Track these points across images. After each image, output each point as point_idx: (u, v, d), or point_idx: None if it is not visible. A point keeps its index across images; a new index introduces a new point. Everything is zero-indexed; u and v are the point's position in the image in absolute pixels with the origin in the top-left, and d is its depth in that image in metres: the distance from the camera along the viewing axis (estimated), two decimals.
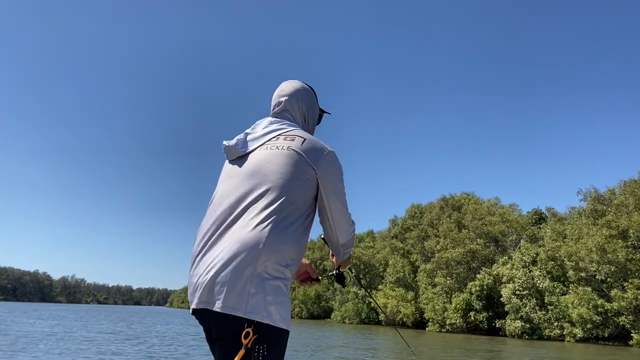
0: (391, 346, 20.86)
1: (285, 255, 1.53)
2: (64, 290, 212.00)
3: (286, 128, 1.78)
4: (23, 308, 67.68)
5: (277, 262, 1.50)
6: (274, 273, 1.49)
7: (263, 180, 1.62)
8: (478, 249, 39.18)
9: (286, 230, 1.55)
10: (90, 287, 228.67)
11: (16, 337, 16.69)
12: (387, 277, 49.94)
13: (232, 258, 1.48)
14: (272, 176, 1.62)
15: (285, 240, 1.53)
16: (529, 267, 33.59)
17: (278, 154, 1.66)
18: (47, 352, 12.25)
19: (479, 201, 47.80)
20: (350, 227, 1.79)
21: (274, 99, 1.91)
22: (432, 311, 40.83)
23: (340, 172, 1.72)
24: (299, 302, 69.23)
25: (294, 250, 1.56)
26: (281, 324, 1.48)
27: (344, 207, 1.73)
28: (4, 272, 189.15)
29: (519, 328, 32.78)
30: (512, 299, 32.97)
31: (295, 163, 1.63)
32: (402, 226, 54.30)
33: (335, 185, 1.69)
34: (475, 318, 37.09)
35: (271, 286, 1.47)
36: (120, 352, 12.92)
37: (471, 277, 39.13)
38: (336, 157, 1.73)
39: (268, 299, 1.45)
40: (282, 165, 1.63)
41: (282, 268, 1.51)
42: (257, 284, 1.46)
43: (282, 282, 1.51)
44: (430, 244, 44.59)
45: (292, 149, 1.66)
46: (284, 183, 1.60)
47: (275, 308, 1.46)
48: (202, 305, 1.50)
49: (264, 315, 1.44)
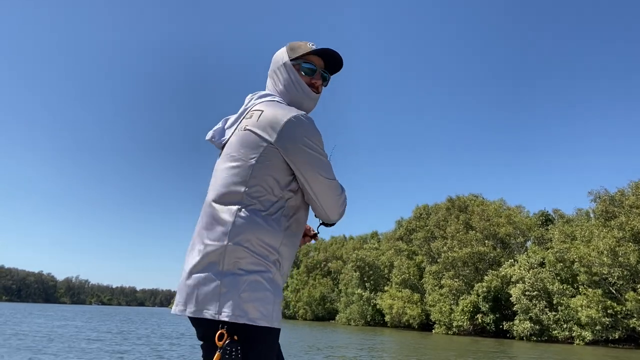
0: (393, 347, 20.66)
1: (258, 246, 1.42)
2: (68, 291, 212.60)
3: (254, 103, 1.63)
4: (29, 309, 67.80)
5: (251, 254, 1.41)
6: (248, 267, 1.40)
7: (226, 169, 1.52)
8: (485, 251, 38.89)
9: (255, 219, 1.44)
10: (94, 288, 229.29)
11: (32, 337, 16.60)
12: (392, 278, 49.71)
13: (202, 258, 1.43)
14: (231, 163, 1.52)
15: (256, 229, 1.42)
16: (538, 269, 33.30)
17: (238, 137, 1.54)
18: (60, 350, 12.14)
19: (485, 202, 47.59)
20: (338, 196, 1.56)
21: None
22: (438, 313, 40.55)
23: (308, 136, 1.49)
24: (304, 304, 69.07)
25: (270, 238, 1.44)
26: (262, 321, 1.37)
27: (323, 174, 1.51)
28: (8, 272, 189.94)
29: (527, 329, 32.48)
30: (521, 299, 32.67)
31: (250, 144, 1.50)
32: (408, 227, 54.05)
33: (304, 153, 1.48)
34: (483, 320, 36.80)
35: (247, 282, 1.38)
36: (130, 351, 12.80)
37: (478, 278, 38.86)
38: (300, 120, 1.50)
39: (243, 297, 1.36)
40: (238, 149, 1.52)
41: (260, 260, 1.41)
42: (229, 282, 1.38)
43: (261, 275, 1.40)
44: (436, 245, 44.32)
45: (247, 128, 1.53)
46: (242, 166, 1.48)
47: (254, 305, 1.37)
48: (178, 311, 1.45)
49: (239, 315, 1.35)
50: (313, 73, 1.71)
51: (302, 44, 1.72)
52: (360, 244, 65.22)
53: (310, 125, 1.51)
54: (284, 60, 1.69)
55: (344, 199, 1.59)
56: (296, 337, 23.84)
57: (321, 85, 1.74)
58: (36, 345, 13.65)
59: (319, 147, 1.51)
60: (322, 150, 1.52)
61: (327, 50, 1.70)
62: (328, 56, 1.73)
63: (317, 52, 1.70)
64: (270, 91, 1.70)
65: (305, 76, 1.70)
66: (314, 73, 1.71)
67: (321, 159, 1.51)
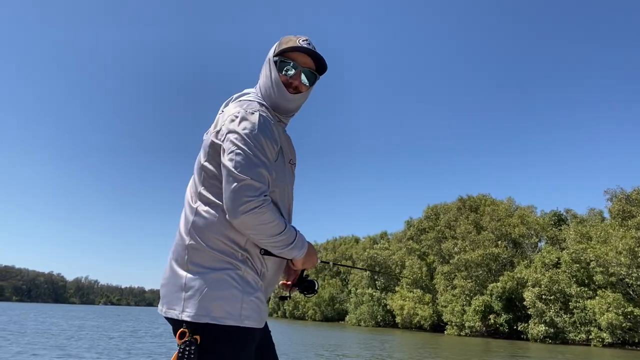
0: (406, 348, 20.35)
1: (220, 243, 1.40)
2: (78, 291, 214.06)
3: (223, 107, 1.62)
4: (39, 309, 68.18)
5: (213, 251, 1.40)
6: (213, 264, 1.39)
7: (195, 169, 1.55)
8: (499, 252, 38.40)
9: (215, 216, 1.43)
10: (104, 288, 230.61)
11: (50, 336, 16.51)
12: (403, 278, 49.35)
13: (171, 259, 1.48)
14: (197, 164, 1.54)
15: (216, 226, 1.41)
16: (553, 270, 32.80)
17: (205, 138, 1.55)
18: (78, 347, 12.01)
19: (496, 202, 47.14)
20: (245, 199, 1.35)
21: None
22: (450, 314, 40.13)
23: (240, 127, 1.42)
24: (313, 305, 68.85)
25: (231, 233, 1.41)
26: (228, 320, 1.35)
27: (237, 170, 1.37)
28: (18, 273, 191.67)
29: (542, 332, 32.00)
30: (536, 303, 32.18)
31: (208, 144, 1.50)
32: (418, 227, 53.67)
33: (230, 142, 1.41)
34: (495, 321, 36.34)
35: (212, 279, 1.37)
36: (143, 350, 12.65)
37: (491, 279, 38.41)
38: (245, 115, 1.44)
39: (207, 295, 1.35)
40: (202, 151, 1.54)
41: (223, 257, 1.40)
42: (193, 281, 1.38)
43: (226, 272, 1.38)
44: (447, 246, 43.94)
45: (211, 129, 1.54)
46: (199, 167, 1.51)
47: (220, 304, 1.35)
48: (158, 311, 1.49)
49: (202, 314, 1.34)
50: (292, 71, 1.59)
51: (292, 39, 1.61)
52: (370, 244, 64.86)
53: (253, 121, 1.43)
54: (269, 55, 1.63)
55: (253, 205, 1.35)
56: (306, 337, 23.62)
57: (302, 86, 1.61)
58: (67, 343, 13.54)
59: (249, 142, 1.40)
60: (253, 147, 1.40)
61: (313, 52, 1.59)
62: (314, 58, 1.61)
63: (303, 50, 1.58)
64: (254, 88, 1.65)
65: (283, 75, 1.59)
66: (294, 72, 1.59)
67: (243, 153, 1.39)
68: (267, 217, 1.37)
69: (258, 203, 1.36)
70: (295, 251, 1.47)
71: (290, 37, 1.61)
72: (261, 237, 1.39)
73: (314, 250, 1.58)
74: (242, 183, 1.36)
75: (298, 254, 1.49)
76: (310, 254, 1.56)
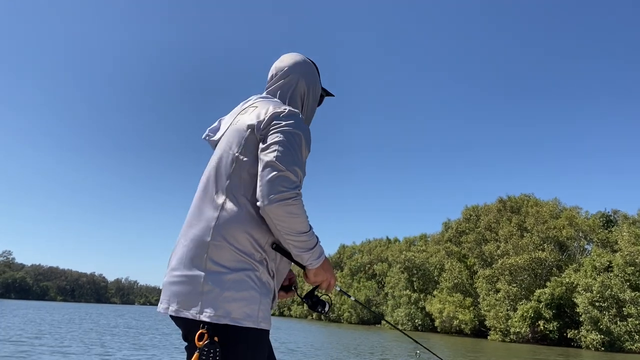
0: (456, 353, 19.63)
1: (242, 241, 1.38)
2: (118, 292, 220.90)
3: (253, 103, 1.63)
4: (85, 308, 70.47)
5: (235, 250, 1.37)
6: (233, 264, 1.36)
7: (218, 165, 1.51)
8: (546, 257, 36.89)
9: (237, 212, 1.40)
10: (143, 288, 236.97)
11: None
12: (442, 282, 48.32)
13: (185, 256, 1.40)
14: (220, 158, 1.51)
15: (238, 223, 1.39)
16: (605, 274, 31.24)
17: (233, 132, 1.54)
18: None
19: (539, 203, 45.50)
20: (280, 189, 1.35)
21: (270, 72, 1.73)
22: (494, 319, 38.90)
23: (284, 125, 1.44)
24: (348, 307, 68.45)
25: (255, 232, 1.39)
26: (246, 322, 1.33)
27: (277, 161, 1.38)
28: (62, 274, 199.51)
29: (597, 340, 30.48)
30: (589, 310, 30.70)
31: (238, 135, 1.50)
32: (457, 229, 52.46)
33: (275, 135, 1.42)
34: (545, 327, 34.94)
35: (231, 280, 1.34)
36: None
37: (537, 284, 36.99)
38: (286, 113, 1.47)
39: (227, 296, 1.33)
40: (227, 143, 1.52)
41: (244, 257, 1.37)
42: (212, 281, 1.34)
43: (246, 273, 1.36)
44: (489, 249, 42.69)
45: (246, 123, 1.51)
46: (229, 160, 1.48)
47: (239, 305, 1.33)
48: (162, 310, 1.42)
49: (222, 315, 1.32)
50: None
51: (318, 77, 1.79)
52: (407, 246, 63.91)
53: (295, 120, 1.47)
54: (319, 86, 1.75)
55: (286, 196, 1.36)
56: (345, 339, 23.25)
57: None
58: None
59: (291, 136, 1.43)
60: (295, 144, 1.44)
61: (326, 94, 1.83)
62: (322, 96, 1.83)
63: (325, 96, 1.82)
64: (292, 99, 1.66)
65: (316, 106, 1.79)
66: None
67: (288, 146, 1.41)
68: (297, 210, 1.37)
69: (292, 195, 1.36)
70: (312, 258, 1.45)
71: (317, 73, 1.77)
72: (286, 231, 1.38)
73: (331, 267, 1.54)
74: (280, 173, 1.37)
75: (314, 263, 1.46)
76: (325, 268, 1.51)
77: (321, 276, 1.51)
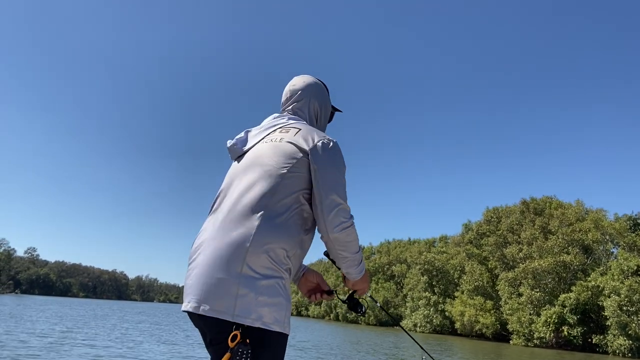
0: (480, 358, 19.30)
1: (278, 251, 1.46)
2: (139, 289, 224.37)
3: (286, 122, 1.75)
4: (109, 305, 71.76)
5: (270, 259, 1.44)
6: (266, 272, 1.43)
7: (254, 175, 1.59)
8: (572, 260, 36.03)
9: (277, 223, 1.49)
10: (162, 286, 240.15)
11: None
12: (463, 284, 47.68)
13: (220, 258, 1.44)
14: (262, 169, 1.59)
15: (277, 234, 1.47)
16: (633, 278, 30.36)
17: (271, 146, 1.64)
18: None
19: (563, 205, 44.51)
20: (342, 220, 1.55)
21: (284, 94, 1.88)
22: (517, 323, 38.19)
23: (335, 159, 1.61)
24: (367, 308, 68.04)
25: (288, 244, 1.49)
26: (275, 326, 1.41)
27: (336, 195, 1.56)
28: (85, 270, 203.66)
29: (624, 346, 29.65)
30: (618, 314, 29.86)
31: (285, 153, 1.59)
32: (478, 231, 51.69)
33: (328, 170, 1.58)
34: (569, 333, 34.16)
35: (264, 286, 1.41)
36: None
37: (562, 288, 36.17)
38: (333, 145, 1.64)
39: (260, 300, 1.39)
40: (271, 157, 1.60)
41: (276, 265, 1.45)
42: (247, 285, 1.40)
43: (277, 281, 1.44)
44: (511, 251, 41.93)
45: (285, 141, 1.63)
46: (273, 174, 1.56)
47: (269, 310, 1.40)
48: (190, 308, 1.45)
49: (255, 318, 1.38)
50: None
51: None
52: (426, 248, 63.26)
53: (340, 153, 1.66)
54: (329, 104, 1.93)
55: (348, 226, 1.57)
56: (362, 341, 23.09)
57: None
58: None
59: (342, 172, 1.62)
60: (343, 175, 1.62)
61: (335, 109, 2.00)
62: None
63: (334, 109, 1.99)
64: (307, 118, 1.83)
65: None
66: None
67: (341, 182, 1.59)
68: (354, 235, 1.59)
69: (350, 223, 1.56)
70: (357, 272, 1.67)
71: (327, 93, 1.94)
72: (346, 253, 1.59)
73: (368, 278, 1.77)
74: (341, 207, 1.55)
75: (359, 275, 1.69)
76: (365, 280, 1.75)
77: (359, 285, 1.76)
